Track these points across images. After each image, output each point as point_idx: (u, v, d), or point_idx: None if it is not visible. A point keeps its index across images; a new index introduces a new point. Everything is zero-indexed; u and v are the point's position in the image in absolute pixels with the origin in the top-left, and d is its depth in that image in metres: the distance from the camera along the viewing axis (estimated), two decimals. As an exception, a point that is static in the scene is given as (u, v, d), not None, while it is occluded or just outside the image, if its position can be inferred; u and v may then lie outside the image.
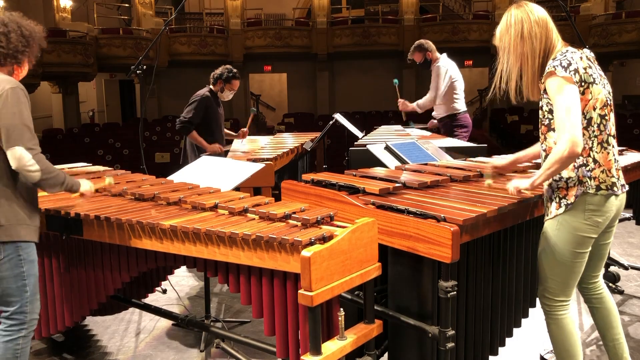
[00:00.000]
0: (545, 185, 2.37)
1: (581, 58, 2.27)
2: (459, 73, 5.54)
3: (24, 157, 2.25)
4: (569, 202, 2.27)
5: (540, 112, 2.37)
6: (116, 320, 3.75)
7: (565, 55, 2.25)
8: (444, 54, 5.62)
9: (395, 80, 6.02)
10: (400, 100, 5.77)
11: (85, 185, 2.63)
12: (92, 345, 3.44)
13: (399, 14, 17.43)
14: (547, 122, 2.33)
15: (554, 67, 2.22)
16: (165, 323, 3.68)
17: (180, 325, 3.36)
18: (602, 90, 2.29)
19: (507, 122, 15.43)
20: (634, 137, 11.83)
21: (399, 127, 6.06)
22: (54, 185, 2.39)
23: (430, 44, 5.64)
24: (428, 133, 5.44)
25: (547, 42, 2.30)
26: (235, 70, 4.98)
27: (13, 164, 2.28)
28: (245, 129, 5.47)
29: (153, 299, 3.93)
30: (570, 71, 2.20)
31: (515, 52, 2.33)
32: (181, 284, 4.45)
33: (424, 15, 17.68)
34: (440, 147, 3.86)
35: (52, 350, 3.38)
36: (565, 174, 2.28)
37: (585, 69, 2.24)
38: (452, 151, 3.88)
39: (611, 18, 15.39)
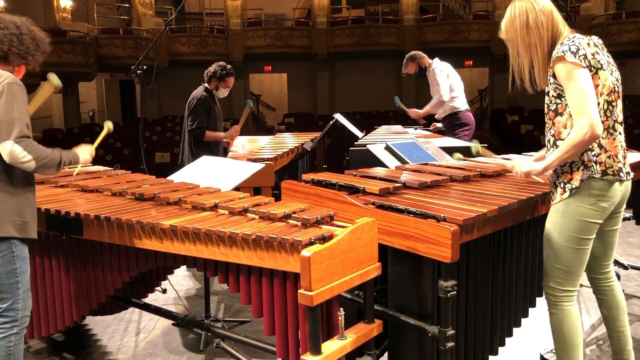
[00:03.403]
0: (550, 170, 2.36)
1: (588, 44, 2.25)
2: (454, 72, 5.63)
3: (14, 151, 2.28)
4: (573, 186, 2.26)
5: (546, 97, 2.35)
6: (116, 320, 3.75)
7: (574, 41, 2.23)
8: (436, 58, 5.72)
9: (396, 99, 6.01)
10: (412, 111, 5.82)
11: (85, 155, 2.69)
12: (92, 345, 3.44)
13: (399, 14, 17.43)
14: (554, 107, 2.32)
15: (562, 52, 2.21)
16: (165, 323, 3.68)
17: (180, 325, 3.36)
18: (610, 76, 2.28)
19: (507, 122, 15.43)
20: (634, 137, 11.81)
21: (399, 127, 6.07)
22: (51, 166, 2.43)
23: (420, 53, 5.76)
24: (428, 133, 5.46)
25: (553, 29, 2.30)
26: (229, 66, 4.79)
27: (7, 159, 2.30)
28: (237, 127, 5.00)
29: (153, 298, 3.93)
30: (579, 56, 2.19)
31: (524, 43, 2.33)
32: (181, 284, 4.45)
33: (424, 16, 17.69)
34: (440, 147, 3.86)
35: (52, 350, 3.38)
36: None
37: (593, 54, 2.23)
38: (450, 151, 3.88)
39: (611, 18, 15.40)
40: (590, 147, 2.24)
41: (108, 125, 3.06)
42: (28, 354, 3.30)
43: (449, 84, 5.51)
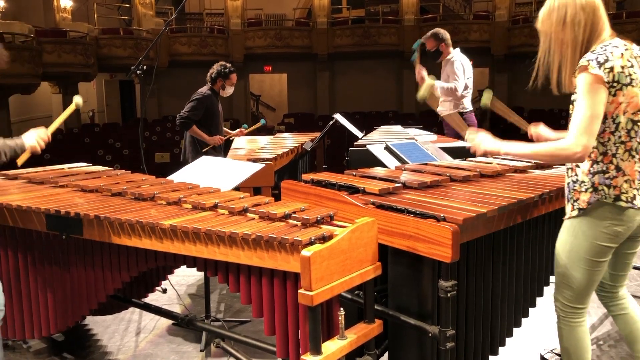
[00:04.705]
0: (565, 183, 2.26)
1: (622, 55, 2.05)
2: (470, 70, 5.42)
3: None
4: (581, 207, 2.15)
5: (571, 106, 2.15)
6: (116, 319, 3.75)
7: (605, 49, 2.04)
8: (457, 49, 5.46)
9: (415, 46, 5.57)
10: (420, 69, 5.19)
11: (31, 139, 2.42)
12: (92, 345, 3.44)
13: (399, 14, 17.45)
14: None
15: (588, 61, 2.02)
16: (165, 323, 3.68)
17: (180, 325, 3.35)
18: None
19: (507, 122, 15.37)
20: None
21: (399, 127, 6.07)
22: None
23: (447, 35, 5.43)
24: (432, 137, 5.39)
25: (592, 30, 2.10)
26: (229, 64, 5.10)
27: None
28: (244, 129, 5.55)
29: (153, 298, 3.92)
30: (605, 68, 2.00)
31: (557, 39, 2.14)
32: (181, 284, 4.45)
33: (424, 16, 17.70)
34: (440, 147, 3.86)
35: (52, 350, 3.38)
36: (580, 176, 2.15)
37: (623, 67, 2.03)
38: (451, 152, 3.88)
39: (611, 18, 15.37)
40: (605, 169, 2.09)
41: (76, 101, 2.73)
42: (28, 354, 3.30)
43: (464, 81, 5.31)
